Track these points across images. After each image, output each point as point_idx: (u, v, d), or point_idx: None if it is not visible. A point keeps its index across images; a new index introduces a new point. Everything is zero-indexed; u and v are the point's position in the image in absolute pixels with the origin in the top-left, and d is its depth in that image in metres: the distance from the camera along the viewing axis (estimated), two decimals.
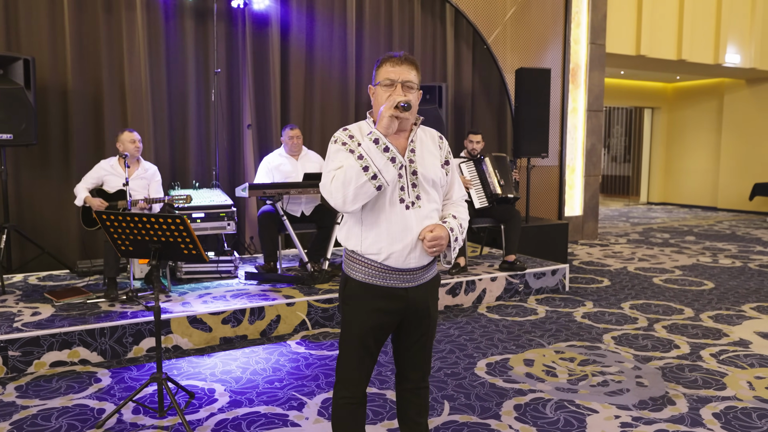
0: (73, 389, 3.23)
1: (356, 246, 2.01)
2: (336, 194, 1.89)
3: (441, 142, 2.13)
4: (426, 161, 2.03)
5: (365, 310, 2.01)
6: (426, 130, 2.12)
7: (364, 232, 1.99)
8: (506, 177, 5.44)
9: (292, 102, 6.10)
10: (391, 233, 1.96)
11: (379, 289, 2.00)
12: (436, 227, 1.97)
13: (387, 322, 2.03)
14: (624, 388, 3.25)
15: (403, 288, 2.01)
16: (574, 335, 4.17)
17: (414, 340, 2.10)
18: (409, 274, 2.00)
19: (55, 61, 5.12)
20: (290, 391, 3.21)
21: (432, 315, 2.10)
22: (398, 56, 1.99)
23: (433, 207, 2.04)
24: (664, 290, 5.47)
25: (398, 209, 1.96)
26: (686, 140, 12.76)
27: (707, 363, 3.63)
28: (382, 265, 1.98)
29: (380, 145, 1.88)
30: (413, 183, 1.99)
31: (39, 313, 3.88)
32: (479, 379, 3.38)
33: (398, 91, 1.96)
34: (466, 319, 4.56)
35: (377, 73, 2.02)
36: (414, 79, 2.00)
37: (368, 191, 1.87)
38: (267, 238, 4.91)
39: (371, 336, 2.03)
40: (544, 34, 7.54)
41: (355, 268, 2.02)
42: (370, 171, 1.86)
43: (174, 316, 3.85)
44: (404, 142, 2.01)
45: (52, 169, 5.19)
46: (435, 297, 2.13)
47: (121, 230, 2.75)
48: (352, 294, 2.04)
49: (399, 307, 2.02)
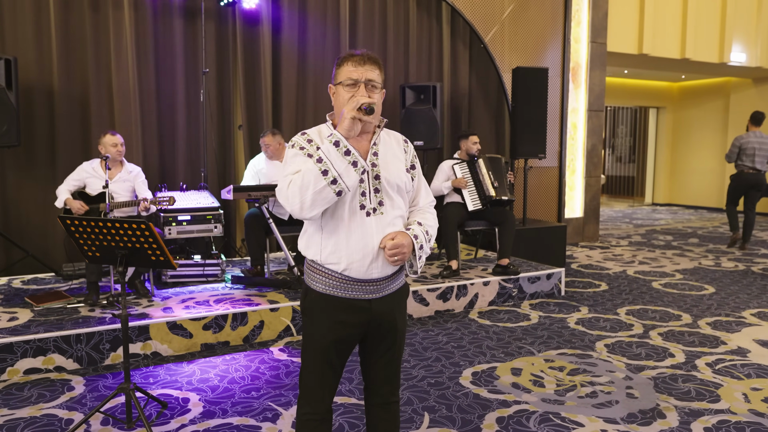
0: (45, 398, 3.14)
1: (316, 255, 1.90)
2: (293, 199, 1.78)
3: (406, 146, 2.02)
4: (390, 165, 1.92)
5: (326, 323, 1.90)
6: (390, 133, 2.01)
7: (324, 241, 1.89)
8: (500, 179, 5.31)
9: (283, 102, 6.00)
10: (351, 242, 1.85)
11: (340, 300, 1.89)
12: (397, 234, 1.86)
13: (350, 335, 1.93)
14: (613, 400, 3.12)
15: (367, 300, 1.90)
16: (566, 342, 4.04)
17: (380, 355, 1.99)
18: (372, 284, 1.89)
19: (40, 61, 5.04)
20: (267, 401, 3.11)
21: (399, 328, 1.99)
22: (360, 54, 1.89)
23: (397, 214, 1.92)
24: (662, 295, 5.32)
25: (358, 216, 1.85)
26: (692, 140, 12.57)
27: (702, 373, 3.50)
28: (343, 276, 1.87)
29: (341, 148, 1.77)
30: (375, 188, 1.88)
31: (16, 318, 3.80)
32: (463, 389, 3.26)
33: (362, 91, 1.86)
34: (456, 324, 4.44)
35: (338, 73, 1.92)
36: (377, 78, 1.89)
37: (327, 197, 1.76)
38: (254, 242, 4.81)
39: (333, 350, 1.92)
40: (543, 32, 7.40)
41: (315, 279, 1.92)
42: (330, 175, 1.75)
43: (153, 322, 3.76)
44: (366, 145, 1.90)
45: (38, 171, 5.11)
46: (402, 309, 2.02)
47: (86, 235, 2.66)
48: (312, 306, 1.93)
49: (362, 319, 1.91)
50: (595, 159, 8.07)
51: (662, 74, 11.53)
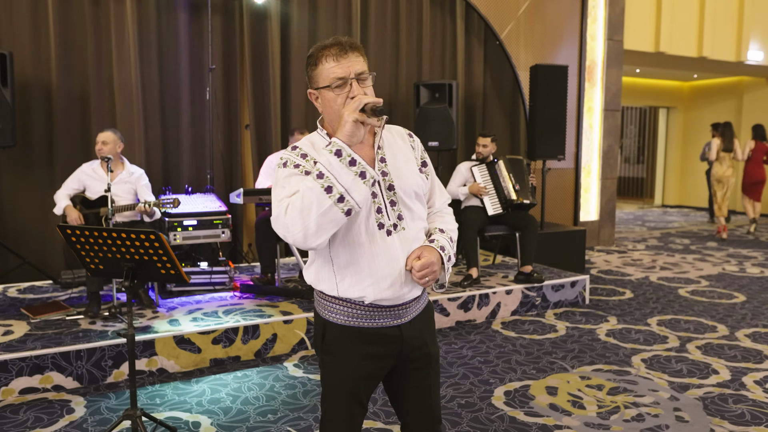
0: (42, 422, 2.88)
1: (331, 290, 1.62)
2: (293, 227, 1.46)
3: (412, 141, 1.73)
4: (402, 170, 1.63)
5: (354, 359, 1.62)
6: (391, 129, 1.72)
7: (339, 273, 1.59)
8: (522, 181, 5.05)
9: (293, 101, 5.73)
10: (374, 270, 1.56)
11: (366, 332, 1.61)
12: (423, 251, 1.58)
13: (379, 368, 1.66)
14: (663, 425, 2.87)
15: (396, 326, 1.63)
16: (599, 357, 3.78)
17: (416, 386, 1.71)
18: (400, 309, 1.63)
19: (37, 57, 4.77)
20: (285, 425, 2.85)
21: (432, 352, 1.72)
22: (337, 45, 1.57)
23: (419, 226, 1.65)
24: (692, 303, 5.07)
25: (378, 237, 1.57)
26: (703, 141, 12.26)
27: (752, 392, 3.24)
28: (369, 304, 1.60)
29: (344, 158, 1.46)
30: (391, 201, 1.59)
31: (11, 332, 3.53)
32: (497, 411, 3.01)
33: (356, 88, 1.56)
34: (480, 336, 4.18)
35: (316, 74, 1.60)
36: (364, 67, 1.59)
37: (335, 218, 1.46)
38: (265, 248, 4.55)
39: (363, 387, 1.64)
40: (559, 29, 7.14)
41: (333, 310, 1.63)
42: (335, 192, 1.45)
43: (159, 336, 3.49)
44: (370, 151, 1.60)
45: (35, 173, 4.84)
46: (432, 330, 1.75)
47: (89, 246, 2.39)
48: (334, 342, 1.63)
49: (393, 350, 1.64)
50: (611, 160, 7.81)
51: (674, 73, 11.28)
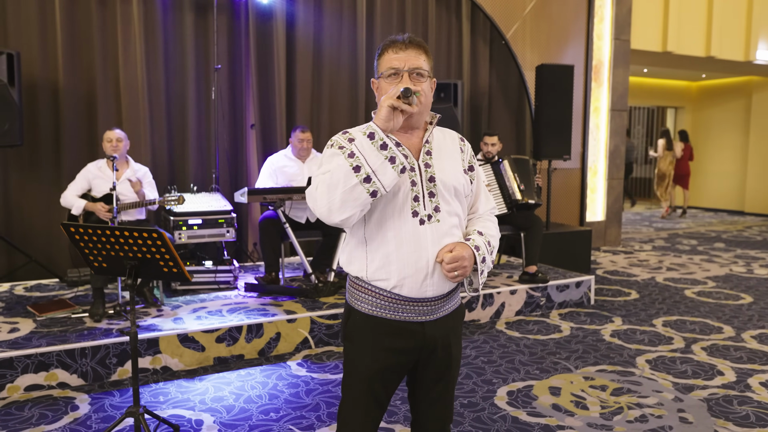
0: (46, 419, 2.90)
1: (360, 271, 1.65)
2: (320, 201, 1.54)
3: (463, 144, 1.78)
4: (445, 165, 1.67)
5: (372, 349, 1.65)
6: (444, 131, 1.77)
7: (370, 254, 1.63)
8: (527, 181, 5.04)
9: (298, 100, 5.74)
10: (402, 254, 1.60)
11: (388, 323, 1.64)
12: (456, 246, 1.60)
13: (398, 363, 1.67)
14: (666, 426, 2.85)
15: (419, 322, 1.64)
16: (603, 358, 3.77)
17: (431, 386, 1.73)
18: (425, 305, 1.64)
19: (44, 57, 4.80)
20: (287, 424, 2.85)
21: (454, 355, 1.73)
22: (402, 40, 1.63)
23: (455, 222, 1.67)
24: (698, 304, 5.03)
25: (410, 224, 1.60)
26: (711, 141, 12.24)
27: (758, 394, 3.22)
28: (393, 294, 1.62)
29: (376, 141, 1.52)
30: (430, 192, 1.63)
31: (17, 330, 3.56)
32: (500, 411, 3.00)
33: (405, 81, 1.61)
34: (484, 336, 4.17)
35: (379, 63, 1.68)
36: (424, 65, 1.64)
37: (359, 197, 1.51)
38: (268, 247, 4.56)
39: (379, 381, 1.66)
40: (565, 28, 7.12)
41: (360, 298, 1.67)
42: (362, 172, 1.50)
43: (163, 335, 3.51)
44: (418, 143, 1.66)
45: (42, 172, 4.87)
46: (458, 333, 1.76)
47: (92, 244, 2.41)
48: (356, 329, 1.68)
49: (413, 345, 1.66)
50: (617, 160, 7.78)
51: (682, 73, 11.21)
